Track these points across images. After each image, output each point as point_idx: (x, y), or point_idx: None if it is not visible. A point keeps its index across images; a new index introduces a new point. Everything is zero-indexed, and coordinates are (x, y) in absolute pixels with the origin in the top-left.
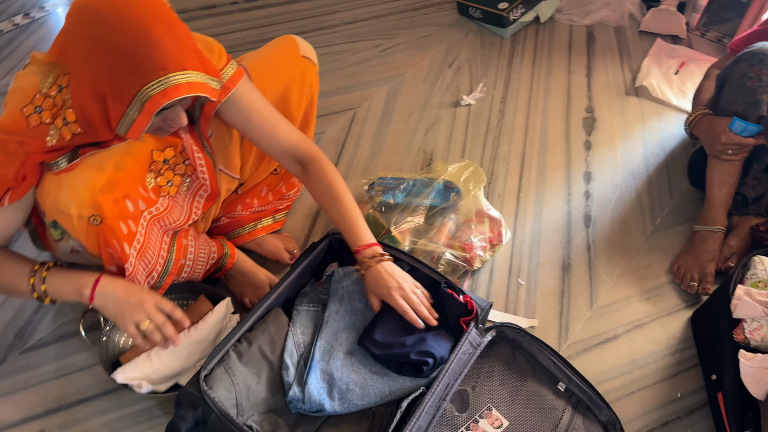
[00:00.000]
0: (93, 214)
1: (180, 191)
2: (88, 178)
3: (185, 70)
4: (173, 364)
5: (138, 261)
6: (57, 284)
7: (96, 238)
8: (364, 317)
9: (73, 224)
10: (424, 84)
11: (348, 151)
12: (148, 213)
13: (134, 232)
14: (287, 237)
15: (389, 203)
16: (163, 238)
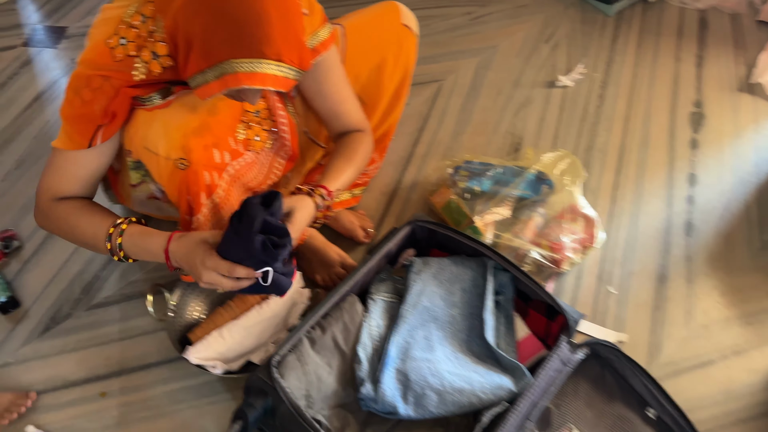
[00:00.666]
0: (181, 158)
1: (264, 148)
2: (181, 119)
3: (280, 62)
4: (246, 341)
5: (210, 216)
6: (135, 240)
7: (179, 183)
8: (444, 314)
9: (159, 165)
10: (516, 59)
11: (431, 127)
12: (231, 167)
13: (216, 184)
14: (362, 215)
15: (474, 190)
16: (242, 195)
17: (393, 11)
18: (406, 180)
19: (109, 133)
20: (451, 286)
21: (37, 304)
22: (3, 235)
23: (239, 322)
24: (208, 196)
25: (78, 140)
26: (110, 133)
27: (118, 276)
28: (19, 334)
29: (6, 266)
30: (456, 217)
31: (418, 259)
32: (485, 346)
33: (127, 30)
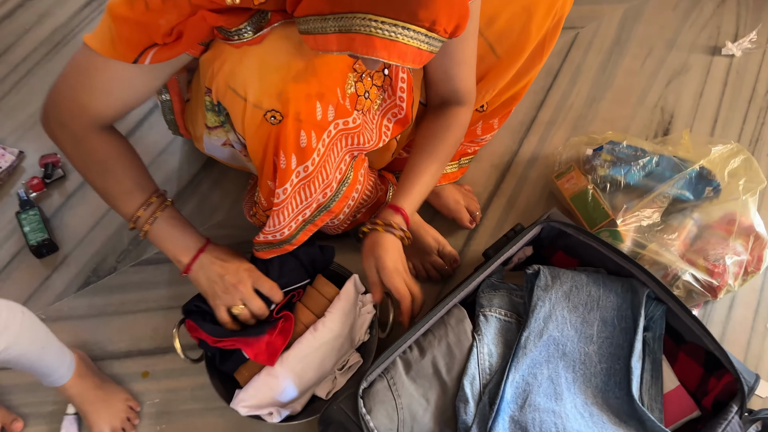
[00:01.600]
0: (274, 109)
1: (373, 108)
2: (282, 58)
3: (431, 33)
4: (305, 374)
5: (299, 189)
6: (163, 233)
7: (266, 140)
8: (576, 350)
9: (245, 113)
10: (673, 13)
11: (560, 86)
12: (333, 127)
13: (312, 148)
14: (469, 192)
15: (617, 181)
16: (339, 164)
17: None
18: (524, 152)
19: (163, 55)
20: (589, 313)
21: (78, 251)
22: (45, 160)
23: (292, 353)
24: (301, 162)
25: (122, 51)
26: (164, 57)
27: None
28: (54, 284)
29: (46, 199)
30: (591, 213)
31: (545, 268)
32: (628, 401)
33: None
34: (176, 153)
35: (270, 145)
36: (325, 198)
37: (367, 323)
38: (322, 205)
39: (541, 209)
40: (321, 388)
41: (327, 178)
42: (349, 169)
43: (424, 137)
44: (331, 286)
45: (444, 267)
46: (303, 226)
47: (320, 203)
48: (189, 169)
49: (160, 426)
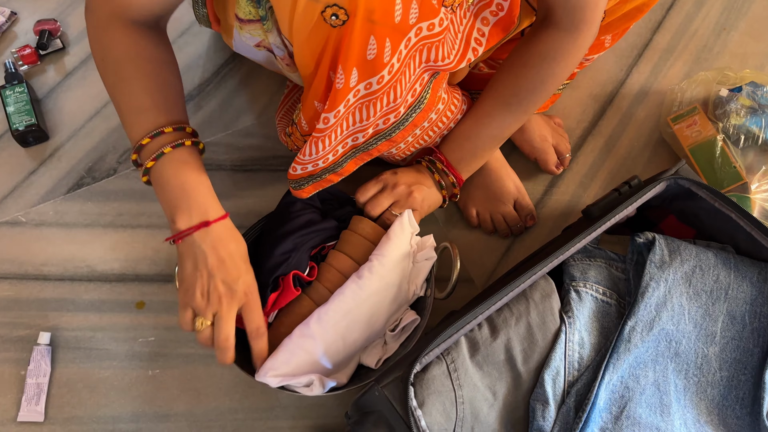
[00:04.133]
0: (337, 4)
1: (467, 4)
2: None
3: None
4: (350, 336)
5: (353, 112)
6: (168, 176)
7: (323, 48)
8: (693, 350)
9: (297, 6)
10: None
11: (683, 6)
12: (415, 33)
13: (384, 63)
14: (559, 126)
15: (754, 134)
16: (420, 78)
17: None
18: (632, 83)
19: None
20: (713, 305)
21: (71, 144)
22: (41, 26)
23: (331, 308)
24: (364, 78)
25: None
26: None
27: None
28: (39, 181)
29: (38, 74)
30: (717, 171)
31: (662, 239)
32: (751, 423)
33: None
34: (202, 35)
35: (326, 55)
36: (387, 124)
37: (425, 273)
38: (381, 132)
39: (647, 158)
40: (369, 355)
41: (395, 100)
42: (425, 90)
43: (504, 70)
44: (372, 225)
45: (518, 222)
46: (353, 153)
47: (379, 130)
48: (215, 58)
49: (153, 371)
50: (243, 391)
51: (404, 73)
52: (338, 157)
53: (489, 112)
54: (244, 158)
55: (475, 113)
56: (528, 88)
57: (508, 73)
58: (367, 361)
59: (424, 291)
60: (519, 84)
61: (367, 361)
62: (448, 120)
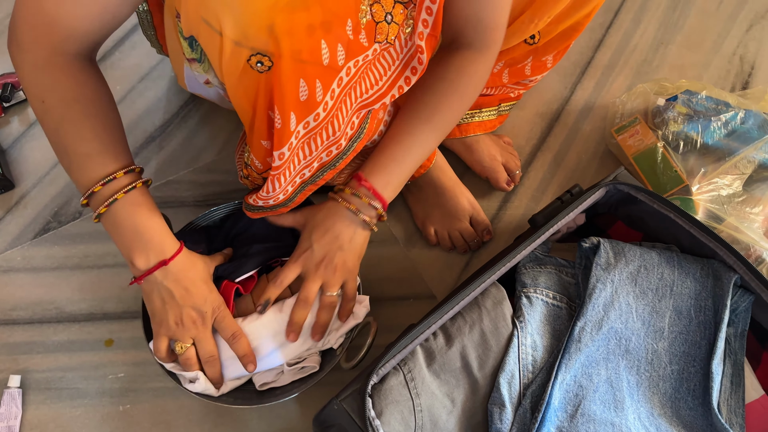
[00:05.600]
0: (261, 51)
1: (399, 36)
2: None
3: None
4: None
5: (297, 152)
6: (122, 219)
7: (255, 93)
8: (642, 346)
9: (223, 54)
10: None
11: (622, 24)
12: (346, 72)
13: (318, 101)
14: (508, 145)
15: (693, 139)
16: (357, 112)
17: None
18: (576, 99)
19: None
20: (660, 302)
21: (37, 191)
22: (3, 80)
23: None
24: (301, 118)
25: None
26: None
27: (155, 169)
28: (7, 228)
29: (3, 126)
30: (659, 176)
31: (606, 242)
32: (704, 413)
33: None
34: (162, 79)
35: (261, 98)
36: (330, 157)
37: (346, 328)
38: (327, 164)
39: (595, 169)
40: (261, 376)
41: (335, 134)
42: (365, 121)
43: (422, 90)
44: None
45: (475, 238)
46: (301, 188)
47: (324, 162)
48: (175, 100)
49: (124, 406)
50: (213, 420)
51: (340, 109)
52: (289, 195)
53: (410, 131)
54: (206, 194)
55: (396, 134)
56: (447, 104)
57: (425, 92)
58: (256, 378)
59: (338, 346)
60: (438, 101)
61: (256, 378)
62: None
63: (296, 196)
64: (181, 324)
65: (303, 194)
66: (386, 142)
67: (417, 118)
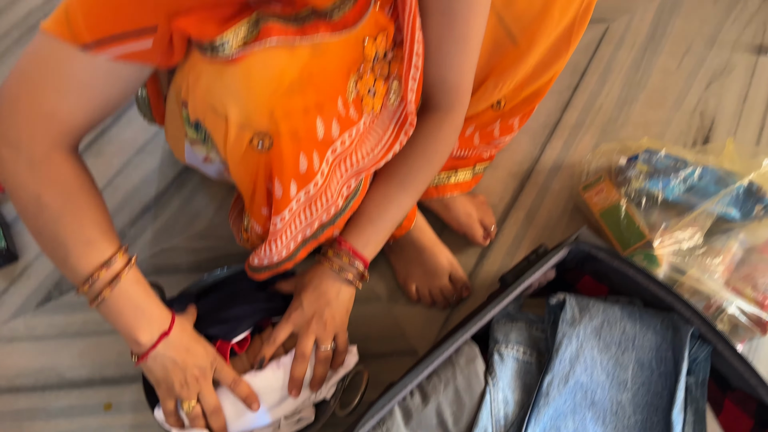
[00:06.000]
0: (263, 132)
1: (385, 105)
2: (272, 66)
3: None
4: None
5: (297, 215)
6: (122, 302)
7: (255, 167)
8: (607, 398)
9: (228, 136)
10: (714, 7)
11: (587, 85)
12: (340, 143)
13: (315, 170)
14: (483, 203)
15: (654, 195)
16: (351, 176)
17: None
18: (546, 159)
19: (161, 46)
20: (623, 354)
21: (39, 262)
22: None
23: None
24: (302, 187)
25: (78, 31)
26: (140, 57)
27: (150, 238)
28: (11, 299)
29: (5, 202)
30: (623, 231)
31: (572, 298)
32: None
33: None
34: (156, 152)
35: (261, 174)
36: (329, 216)
37: (337, 377)
38: (326, 222)
39: (565, 225)
40: (261, 430)
41: (332, 197)
42: (359, 182)
43: (407, 152)
44: None
45: (454, 294)
46: (303, 244)
47: (323, 222)
48: (168, 172)
49: None
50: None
51: (335, 172)
52: (291, 252)
53: (386, 194)
54: (200, 260)
55: (373, 197)
56: (418, 167)
57: (397, 157)
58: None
59: (331, 396)
60: (410, 165)
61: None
62: None
63: (298, 252)
64: (186, 384)
65: (305, 249)
66: (364, 205)
67: (391, 183)
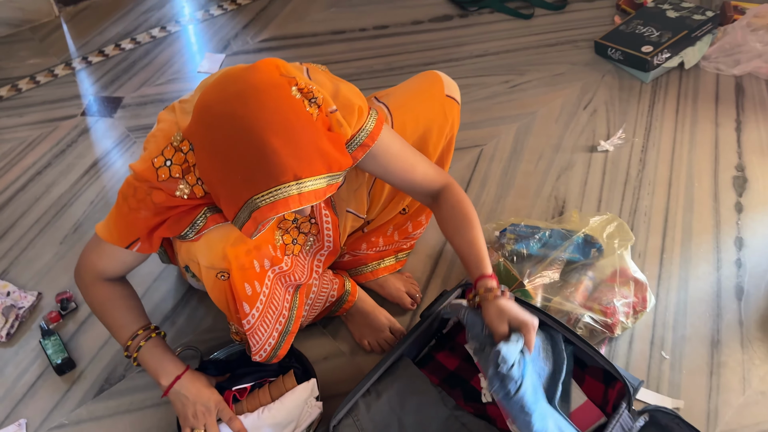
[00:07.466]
0: (222, 270)
1: (303, 250)
2: (222, 231)
3: (299, 180)
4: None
5: (259, 321)
6: (147, 358)
7: (223, 291)
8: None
9: (202, 273)
10: (556, 125)
11: (473, 190)
12: (272, 272)
13: (258, 292)
14: (409, 278)
15: (521, 253)
16: (285, 296)
17: (437, 84)
18: None
19: (146, 248)
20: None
21: (92, 365)
22: (60, 297)
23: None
24: (252, 306)
25: (117, 238)
26: (147, 249)
27: (172, 337)
28: (74, 394)
29: (63, 327)
30: (504, 279)
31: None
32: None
33: (173, 153)
34: (168, 278)
35: (228, 295)
36: (285, 318)
37: (309, 419)
38: (282, 331)
39: None
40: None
41: (279, 308)
42: (294, 300)
43: (449, 220)
44: (293, 382)
45: (395, 341)
46: (282, 339)
47: (280, 331)
48: (180, 289)
49: None
50: None
51: (274, 291)
52: (274, 346)
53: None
54: (210, 347)
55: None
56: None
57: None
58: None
59: None
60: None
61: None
62: (326, 291)
63: (281, 346)
64: (196, 416)
65: (286, 342)
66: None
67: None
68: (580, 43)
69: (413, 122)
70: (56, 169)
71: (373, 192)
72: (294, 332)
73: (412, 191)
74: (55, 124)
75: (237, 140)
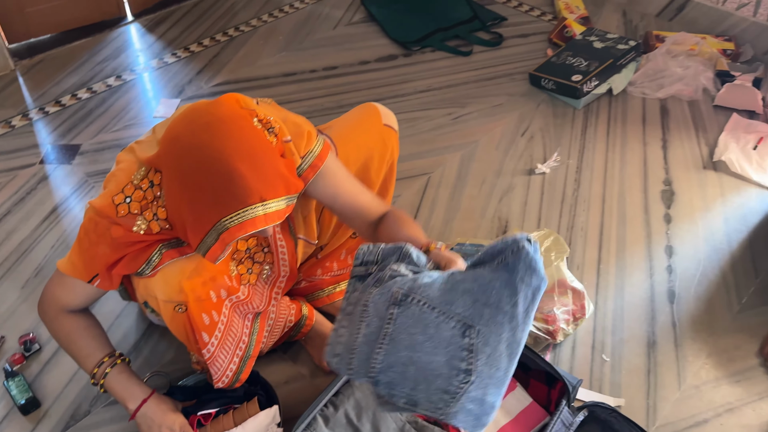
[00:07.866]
0: (179, 302)
1: (260, 279)
2: (178, 265)
3: (264, 201)
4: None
5: (219, 349)
6: (113, 384)
7: (182, 323)
8: None
9: (160, 307)
10: (497, 151)
11: (423, 215)
12: (228, 301)
13: (216, 321)
14: None
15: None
16: (244, 323)
17: (374, 115)
18: None
19: (106, 284)
20: None
21: (57, 404)
22: (23, 339)
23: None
24: (210, 335)
25: (81, 272)
26: (107, 286)
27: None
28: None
29: (26, 368)
30: None
31: None
32: None
33: (133, 190)
34: (130, 315)
35: (187, 327)
36: (246, 344)
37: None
38: (243, 356)
39: None
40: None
41: (237, 335)
42: (253, 327)
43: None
44: (256, 408)
45: None
46: (243, 363)
47: (240, 356)
48: (141, 325)
49: None
50: None
51: (232, 319)
52: (236, 371)
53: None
54: (175, 377)
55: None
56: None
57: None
58: None
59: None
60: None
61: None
62: (284, 317)
63: (242, 371)
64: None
65: (247, 367)
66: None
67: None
68: (516, 75)
69: (355, 152)
70: (16, 216)
71: (322, 218)
72: (254, 356)
73: (358, 217)
74: (13, 173)
75: (207, 168)
